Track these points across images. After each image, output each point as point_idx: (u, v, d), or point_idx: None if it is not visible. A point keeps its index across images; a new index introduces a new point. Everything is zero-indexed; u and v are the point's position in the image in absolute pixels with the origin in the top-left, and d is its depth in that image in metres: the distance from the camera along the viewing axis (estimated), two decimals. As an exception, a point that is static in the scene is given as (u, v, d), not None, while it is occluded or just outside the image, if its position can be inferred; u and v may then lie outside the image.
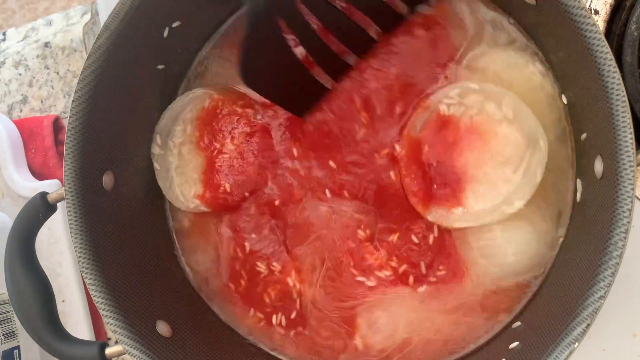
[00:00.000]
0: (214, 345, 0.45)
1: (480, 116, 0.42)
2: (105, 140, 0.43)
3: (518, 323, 0.43)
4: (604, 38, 0.35)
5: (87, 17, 0.59)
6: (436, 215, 0.43)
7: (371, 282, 0.45)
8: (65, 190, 0.41)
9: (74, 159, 0.41)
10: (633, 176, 0.34)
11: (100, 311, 0.40)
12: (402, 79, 0.45)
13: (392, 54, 0.45)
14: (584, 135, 0.40)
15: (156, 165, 0.48)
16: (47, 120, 0.58)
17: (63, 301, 0.55)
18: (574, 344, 0.34)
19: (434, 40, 0.44)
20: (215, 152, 0.47)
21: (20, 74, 0.60)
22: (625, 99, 0.34)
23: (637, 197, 0.39)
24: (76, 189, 0.41)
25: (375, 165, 0.45)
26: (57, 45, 0.59)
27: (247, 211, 0.47)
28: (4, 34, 0.63)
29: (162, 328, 0.42)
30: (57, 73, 0.60)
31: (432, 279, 0.44)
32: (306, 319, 0.46)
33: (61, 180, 0.55)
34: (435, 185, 0.43)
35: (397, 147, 0.44)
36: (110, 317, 0.40)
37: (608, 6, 0.47)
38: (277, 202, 0.46)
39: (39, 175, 0.58)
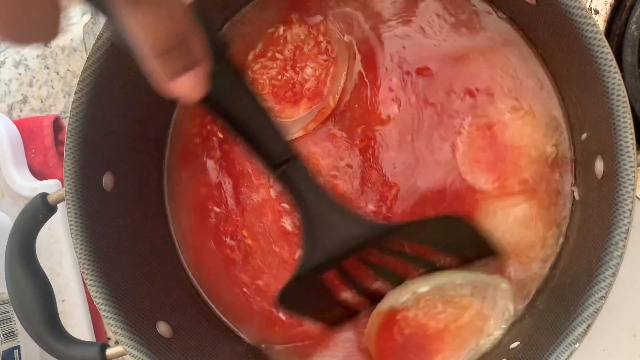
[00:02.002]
0: (214, 346, 0.45)
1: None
2: (106, 140, 0.43)
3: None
4: (604, 38, 0.35)
5: (87, 17, 0.59)
6: None
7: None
8: (65, 190, 0.41)
9: (74, 159, 0.41)
10: (634, 176, 0.34)
11: (100, 311, 0.40)
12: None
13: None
14: (584, 135, 0.40)
15: None
16: (47, 120, 0.58)
17: (63, 301, 0.55)
18: (574, 344, 0.34)
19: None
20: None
21: (20, 74, 0.60)
22: (626, 99, 0.34)
23: (638, 197, 0.39)
24: (76, 190, 0.41)
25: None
26: (57, 45, 0.59)
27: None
28: (3, 33, 0.63)
29: (163, 328, 0.42)
30: (57, 73, 0.60)
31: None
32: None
33: (61, 180, 0.55)
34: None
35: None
36: (110, 317, 0.40)
37: (608, 6, 0.47)
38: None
39: (39, 175, 0.58)
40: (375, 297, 0.44)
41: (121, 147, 0.44)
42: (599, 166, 0.37)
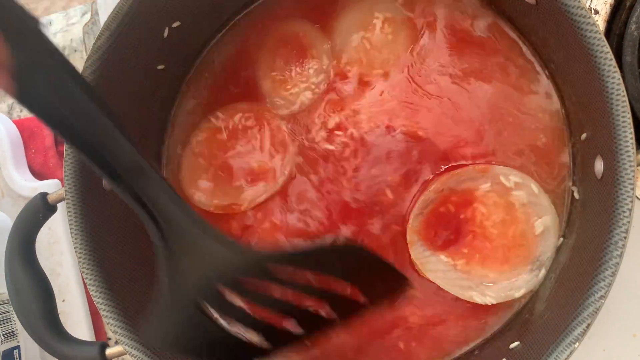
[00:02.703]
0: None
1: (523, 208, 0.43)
2: (105, 140, 0.43)
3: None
4: (604, 38, 0.35)
5: (87, 17, 0.59)
6: (419, 251, 0.44)
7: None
8: (65, 190, 0.41)
9: (74, 159, 0.41)
10: (633, 176, 0.34)
11: (100, 311, 0.40)
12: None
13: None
14: (584, 135, 0.40)
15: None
16: (47, 120, 0.58)
17: (63, 301, 0.55)
18: (574, 343, 0.34)
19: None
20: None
21: (20, 74, 0.60)
22: (625, 98, 0.34)
23: (637, 197, 0.39)
24: (76, 189, 0.41)
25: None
26: (57, 45, 0.59)
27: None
28: (3, 34, 0.63)
29: (162, 328, 0.42)
30: (57, 73, 0.59)
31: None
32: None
33: (61, 180, 0.55)
34: (441, 230, 0.44)
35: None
36: (110, 317, 0.40)
37: (608, 6, 0.47)
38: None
39: (39, 175, 0.58)
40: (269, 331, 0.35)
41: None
42: (599, 166, 0.37)
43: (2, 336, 0.52)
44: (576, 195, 0.42)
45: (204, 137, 0.48)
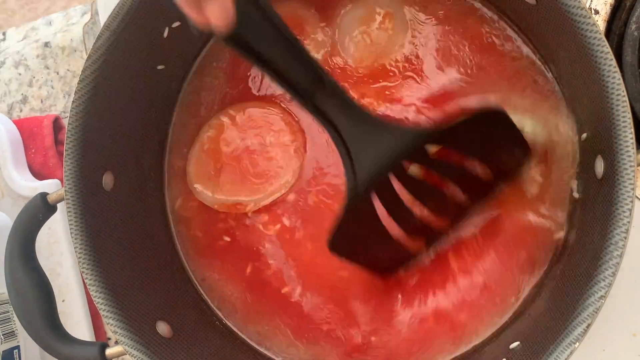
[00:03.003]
0: (214, 346, 0.45)
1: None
2: (105, 140, 0.43)
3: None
4: (604, 38, 0.35)
5: (87, 17, 0.59)
6: None
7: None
8: (65, 190, 0.41)
9: (74, 159, 0.41)
10: (633, 176, 0.34)
11: (100, 311, 0.40)
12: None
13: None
14: (584, 135, 0.40)
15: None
16: (47, 120, 0.58)
17: (63, 301, 0.55)
18: (574, 344, 0.34)
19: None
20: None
21: (20, 74, 0.60)
22: (626, 99, 0.34)
23: (638, 197, 0.39)
24: (76, 189, 0.41)
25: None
26: (57, 45, 0.59)
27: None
28: (4, 33, 0.63)
29: (163, 328, 0.42)
30: (57, 73, 0.60)
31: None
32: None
33: (61, 180, 0.55)
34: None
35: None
36: (110, 317, 0.40)
37: (608, 6, 0.47)
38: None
39: (39, 175, 0.58)
40: (429, 238, 0.43)
41: (121, 147, 0.44)
42: (599, 166, 0.37)
43: (2, 336, 0.52)
44: (576, 195, 0.42)
45: (214, 134, 0.48)
